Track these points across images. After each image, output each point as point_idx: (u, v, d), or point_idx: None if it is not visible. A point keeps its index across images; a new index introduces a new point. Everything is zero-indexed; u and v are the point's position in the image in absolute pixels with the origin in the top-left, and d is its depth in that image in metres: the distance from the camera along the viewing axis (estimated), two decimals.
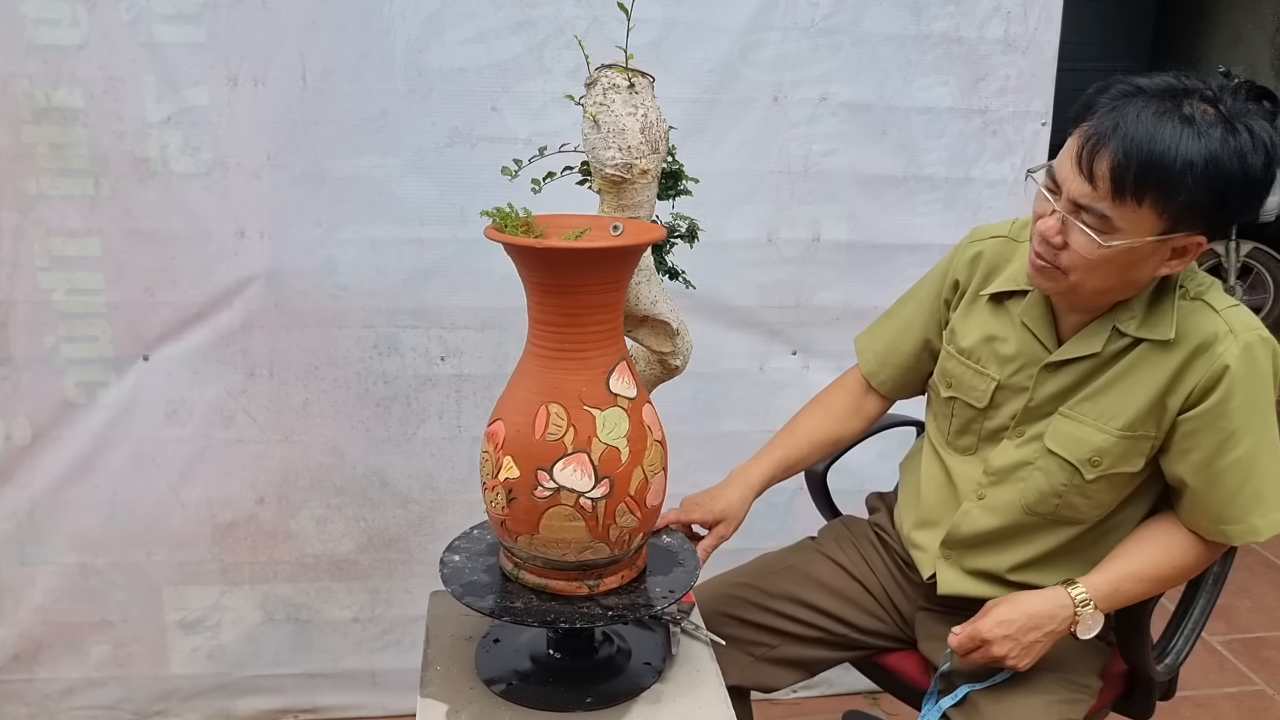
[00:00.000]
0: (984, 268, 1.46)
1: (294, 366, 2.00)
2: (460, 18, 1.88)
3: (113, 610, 2.10)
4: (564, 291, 1.19)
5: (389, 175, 1.93)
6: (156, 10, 1.81)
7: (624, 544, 1.26)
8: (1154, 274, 1.26)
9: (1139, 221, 1.19)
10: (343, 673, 2.20)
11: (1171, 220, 1.18)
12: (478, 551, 1.36)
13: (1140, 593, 1.36)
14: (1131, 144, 1.15)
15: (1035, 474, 1.39)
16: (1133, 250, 1.21)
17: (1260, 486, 1.30)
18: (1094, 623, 1.34)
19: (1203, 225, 1.20)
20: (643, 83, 1.21)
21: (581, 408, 1.21)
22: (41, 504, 2.02)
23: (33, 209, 1.88)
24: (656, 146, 1.21)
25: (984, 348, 1.44)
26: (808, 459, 1.62)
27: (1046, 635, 1.34)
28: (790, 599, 1.58)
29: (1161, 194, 1.16)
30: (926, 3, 1.98)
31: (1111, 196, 1.18)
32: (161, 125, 1.86)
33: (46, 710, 2.13)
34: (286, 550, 2.11)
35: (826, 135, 2.03)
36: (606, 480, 1.20)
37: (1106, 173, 1.17)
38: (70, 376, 1.97)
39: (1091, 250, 1.21)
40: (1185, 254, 1.24)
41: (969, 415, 1.47)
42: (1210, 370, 1.27)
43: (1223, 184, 1.16)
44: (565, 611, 1.25)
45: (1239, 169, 1.15)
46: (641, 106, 1.20)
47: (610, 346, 1.24)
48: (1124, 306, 1.32)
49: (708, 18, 1.94)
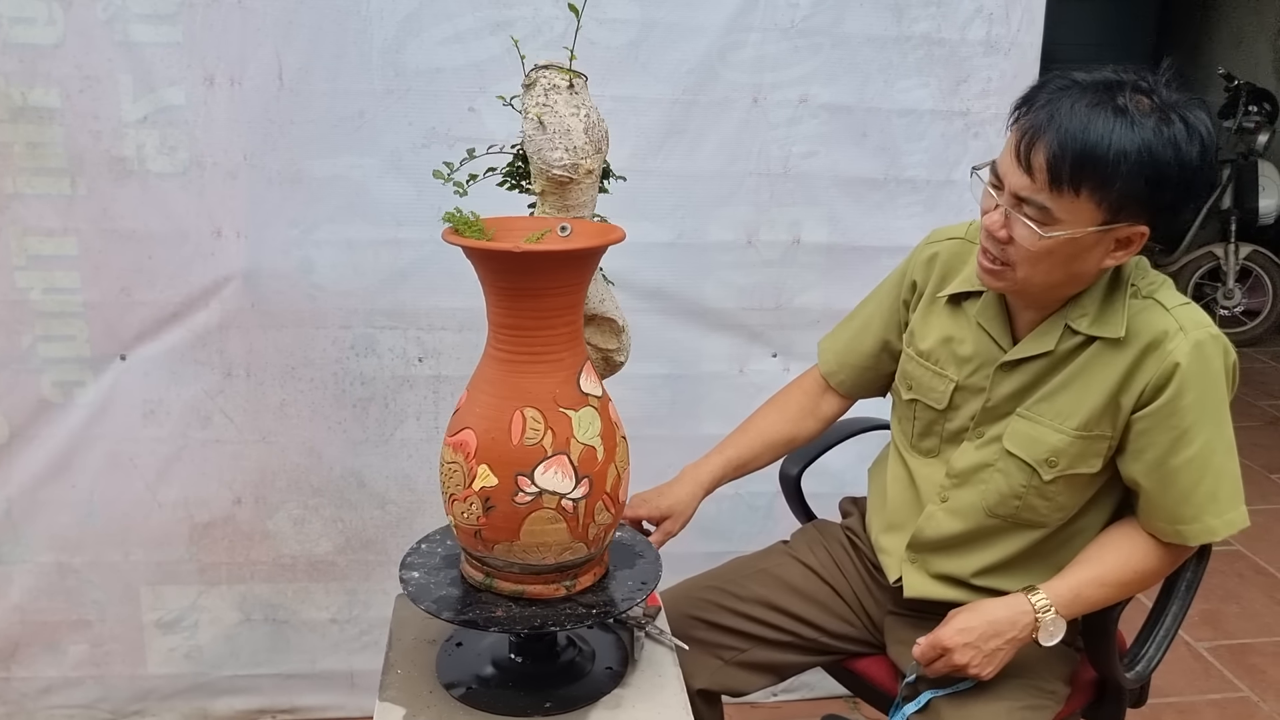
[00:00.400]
0: (940, 269, 1.47)
1: (271, 367, 2.00)
2: (438, 17, 1.88)
3: (90, 610, 2.10)
4: (534, 294, 1.19)
5: (366, 175, 1.92)
6: (133, 9, 1.81)
7: (599, 542, 1.27)
8: (1100, 266, 1.26)
9: (1078, 212, 1.20)
10: (320, 673, 2.19)
11: (1111, 210, 1.20)
12: (434, 566, 1.35)
13: (1103, 598, 1.35)
14: (1066, 135, 1.17)
15: (995, 475, 1.39)
16: (1075, 241, 1.22)
17: (1215, 485, 1.30)
18: (1056, 629, 1.33)
19: (1144, 215, 1.21)
20: (580, 82, 1.22)
21: (557, 410, 1.21)
22: (19, 503, 2.02)
23: (9, 208, 1.88)
24: (599, 146, 1.22)
25: (942, 349, 1.45)
26: (759, 459, 1.62)
27: (1008, 643, 1.33)
28: (760, 602, 1.57)
29: (1097, 184, 1.18)
30: (908, 4, 1.97)
31: (1049, 188, 1.19)
32: (138, 125, 1.86)
33: (24, 709, 2.13)
34: (264, 551, 2.10)
35: (807, 137, 2.02)
36: (586, 480, 1.21)
37: (1043, 164, 1.19)
38: (47, 376, 1.97)
39: (1034, 242, 1.22)
40: (1130, 245, 1.25)
41: (930, 417, 1.47)
42: (1161, 368, 1.27)
43: (1157, 173, 1.17)
44: (551, 614, 1.25)
45: (1173, 158, 1.17)
46: (583, 107, 1.21)
47: (577, 347, 1.25)
48: (1076, 304, 1.32)
49: (687, 18, 1.94)
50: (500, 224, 1.24)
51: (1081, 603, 1.34)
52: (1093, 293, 1.31)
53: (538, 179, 1.23)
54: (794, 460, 1.79)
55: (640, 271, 2.02)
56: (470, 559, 1.29)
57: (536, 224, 1.24)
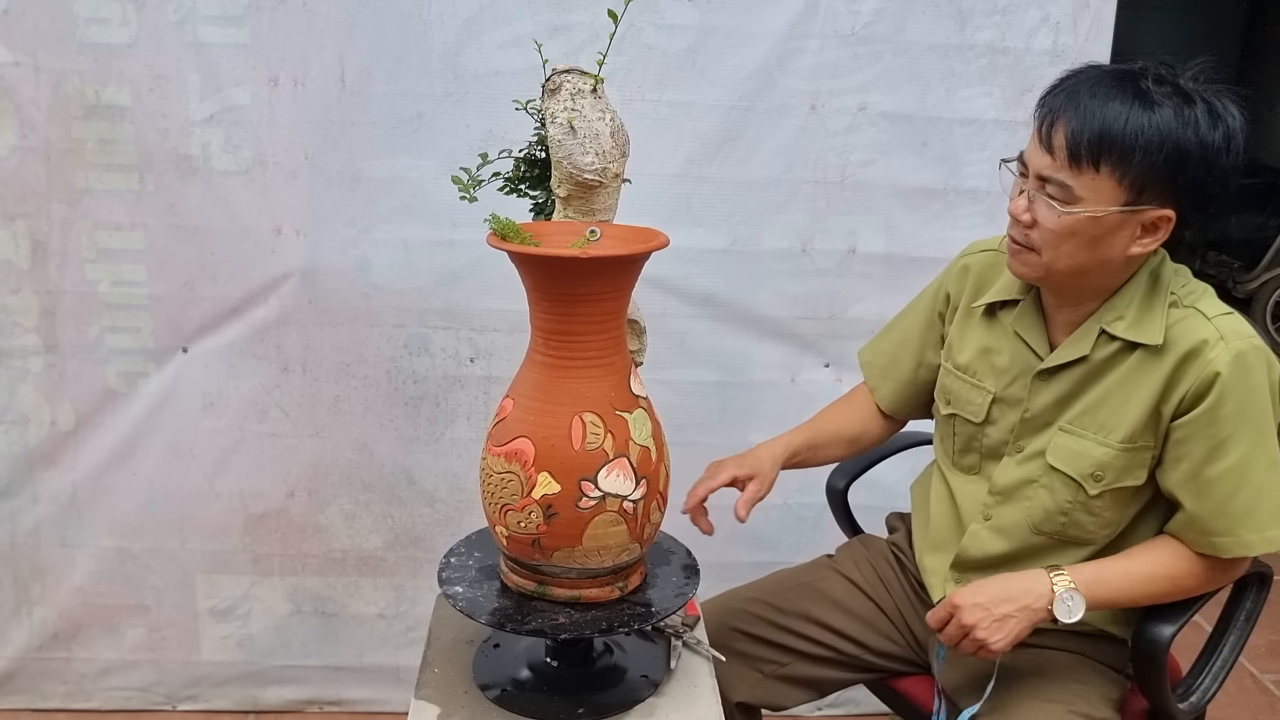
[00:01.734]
0: (974, 281, 1.46)
1: (326, 363, 2.03)
2: (497, 21, 1.89)
3: (148, 595, 2.15)
4: (586, 299, 1.19)
5: (423, 177, 1.95)
6: (202, 11, 1.86)
7: (650, 541, 1.29)
8: (1127, 253, 1.25)
9: (1099, 190, 1.21)
10: (367, 667, 2.22)
11: (1133, 190, 1.20)
12: (472, 579, 1.33)
13: (1127, 590, 1.31)
14: (1085, 112, 1.20)
15: (1040, 491, 1.36)
16: (1097, 221, 1.22)
17: (1254, 499, 1.26)
18: (1074, 606, 1.27)
19: (1168, 198, 1.21)
20: (601, 87, 1.23)
21: (614, 413, 1.21)
22: (83, 488, 2.08)
23: (81, 202, 1.94)
24: (624, 149, 1.23)
25: (980, 361, 1.43)
26: (830, 447, 1.59)
27: (1020, 610, 1.27)
28: (803, 617, 1.55)
29: (1116, 161, 1.19)
30: (971, 12, 1.93)
31: (1069, 165, 1.21)
32: (204, 123, 1.90)
33: (83, 690, 2.20)
34: (315, 544, 2.14)
35: (865, 145, 1.99)
36: (644, 481, 1.22)
37: (1063, 142, 1.21)
38: (113, 366, 2.03)
39: (1055, 221, 1.23)
40: (1157, 231, 1.24)
41: (969, 432, 1.44)
42: (1201, 376, 1.25)
43: (1177, 152, 1.18)
44: (614, 616, 1.26)
45: (1194, 139, 1.18)
46: (608, 111, 1.22)
47: (624, 350, 1.26)
48: (1111, 308, 1.30)
49: (746, 24, 1.92)
50: (532, 230, 1.24)
51: (1104, 587, 1.29)
52: (1128, 295, 1.30)
53: (564, 183, 1.23)
54: (841, 473, 1.78)
55: (693, 278, 2.02)
56: (520, 568, 1.28)
57: (565, 228, 1.24)
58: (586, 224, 1.23)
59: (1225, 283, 5.31)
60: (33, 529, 2.10)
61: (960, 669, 1.45)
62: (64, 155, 1.91)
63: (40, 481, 2.07)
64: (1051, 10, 1.94)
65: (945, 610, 1.31)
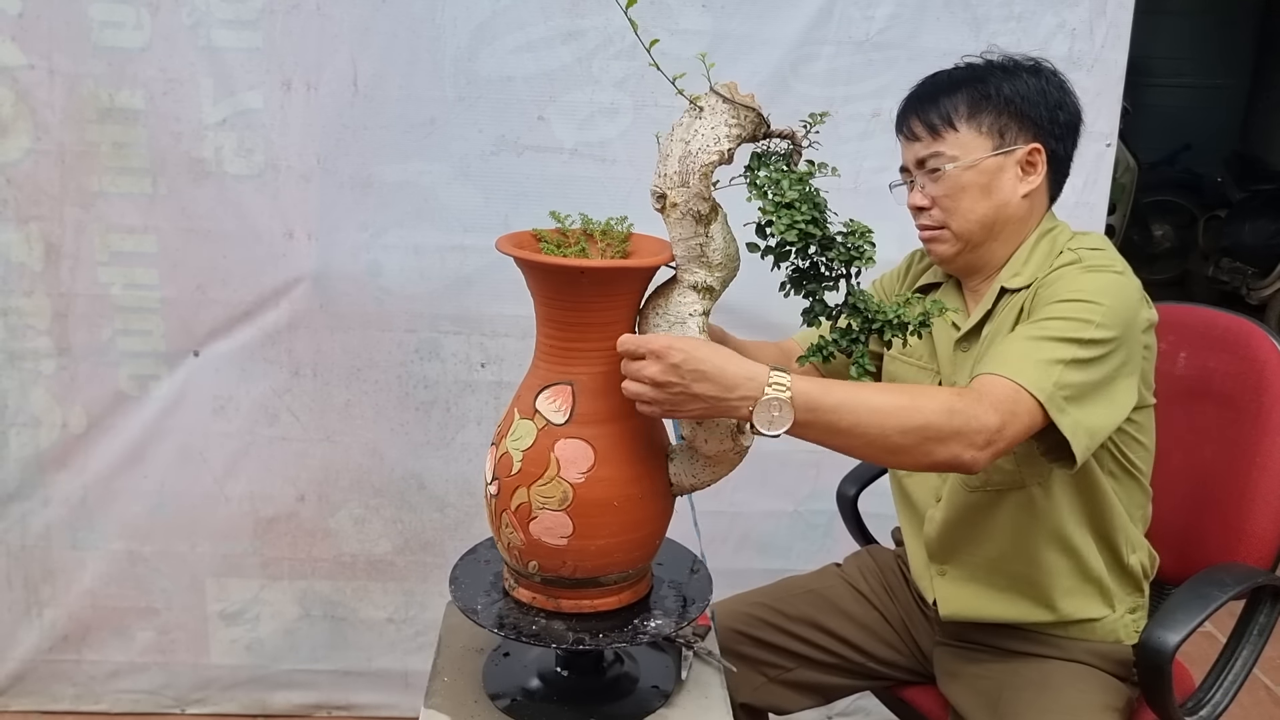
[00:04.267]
0: (909, 278, 1.57)
1: (337, 367, 2.03)
2: (510, 26, 1.89)
3: (157, 598, 2.15)
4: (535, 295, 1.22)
5: (435, 182, 1.94)
6: (216, 15, 1.86)
7: (518, 560, 1.23)
8: (1018, 192, 1.35)
9: (967, 144, 1.35)
10: (376, 672, 2.22)
11: (995, 134, 1.35)
12: (483, 587, 1.32)
13: (851, 399, 1.11)
14: (922, 99, 1.40)
15: None
16: (979, 169, 1.34)
17: (1008, 349, 1.23)
18: (777, 415, 1.09)
19: (1028, 134, 1.35)
20: (720, 108, 1.13)
21: (513, 409, 1.23)
22: (94, 491, 2.09)
23: (94, 205, 1.94)
24: (686, 179, 1.12)
25: (922, 345, 1.47)
26: None
27: (713, 402, 1.10)
28: (809, 623, 1.56)
29: (965, 115, 1.35)
30: (986, 19, 1.92)
31: (932, 137, 1.36)
32: (217, 127, 1.90)
33: (92, 691, 2.20)
34: (325, 548, 2.14)
35: (878, 152, 1.98)
36: (497, 482, 1.21)
37: (920, 124, 1.38)
38: (125, 369, 2.03)
39: (945, 184, 1.35)
40: (1034, 168, 1.36)
41: None
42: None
43: (1008, 91, 1.35)
44: (623, 626, 1.25)
45: (1000, 69, 1.37)
46: (698, 136, 1.12)
47: (550, 365, 1.22)
48: (1009, 269, 1.37)
49: (759, 30, 1.92)
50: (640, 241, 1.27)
51: (827, 396, 1.10)
52: (1023, 254, 1.37)
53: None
54: (852, 480, 1.77)
55: None
56: (520, 577, 1.27)
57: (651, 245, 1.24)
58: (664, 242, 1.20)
59: (1239, 289, 5.28)
60: (43, 531, 2.10)
61: (964, 681, 1.44)
62: (78, 158, 1.91)
63: (51, 484, 2.08)
64: (1068, 16, 1.93)
65: (635, 345, 1.13)
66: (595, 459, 1.18)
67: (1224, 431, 1.55)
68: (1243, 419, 1.52)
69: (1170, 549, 1.49)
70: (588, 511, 1.18)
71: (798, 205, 1.16)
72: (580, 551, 1.20)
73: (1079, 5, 1.94)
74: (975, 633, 1.45)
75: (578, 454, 1.18)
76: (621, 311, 1.21)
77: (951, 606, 1.44)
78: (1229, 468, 1.53)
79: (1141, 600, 1.45)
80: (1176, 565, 1.50)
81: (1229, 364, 1.56)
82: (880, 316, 1.18)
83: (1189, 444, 1.57)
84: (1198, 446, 1.58)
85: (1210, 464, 1.56)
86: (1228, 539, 1.50)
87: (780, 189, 1.16)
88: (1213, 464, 1.56)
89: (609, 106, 1.94)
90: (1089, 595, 1.39)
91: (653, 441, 1.25)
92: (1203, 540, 1.54)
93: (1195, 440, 1.58)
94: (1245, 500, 1.49)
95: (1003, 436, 1.15)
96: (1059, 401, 1.18)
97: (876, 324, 1.18)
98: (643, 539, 1.25)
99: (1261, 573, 1.45)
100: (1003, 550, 1.39)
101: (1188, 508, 1.56)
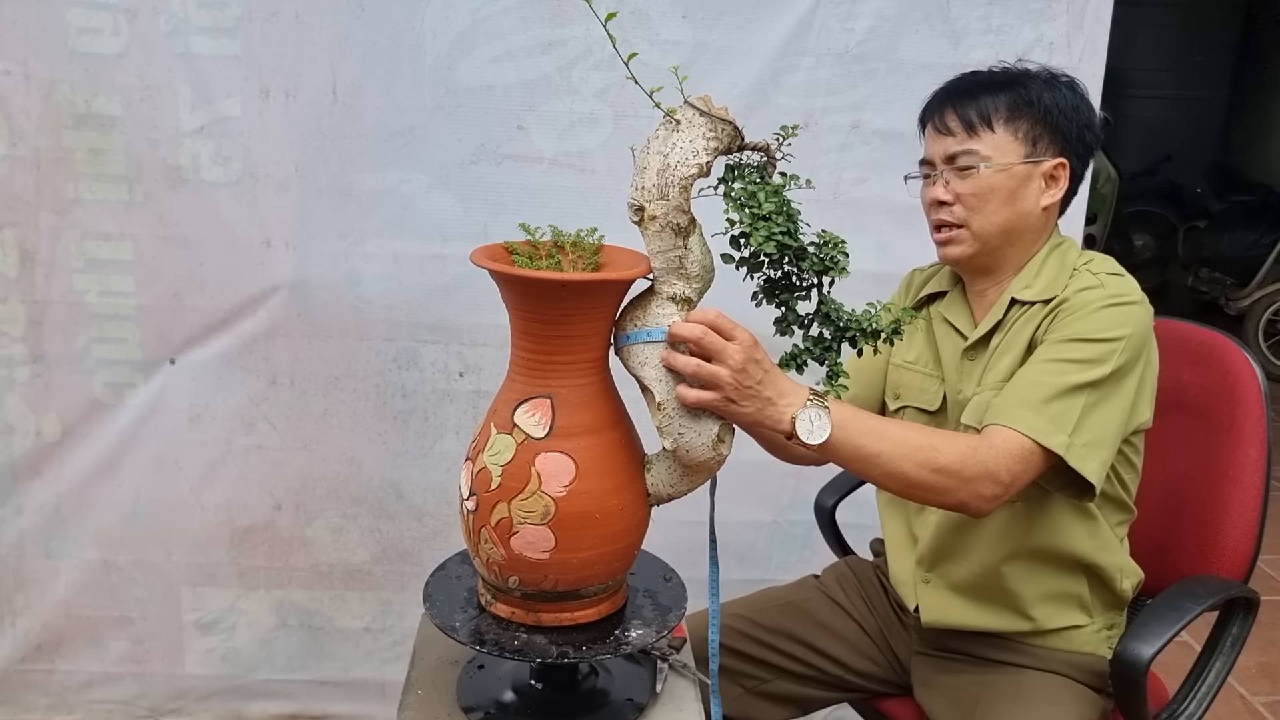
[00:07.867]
0: (914, 291, 1.56)
1: (315, 376, 2.02)
2: (490, 36, 1.89)
3: (132, 607, 2.13)
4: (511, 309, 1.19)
5: (414, 190, 1.94)
6: (194, 22, 1.85)
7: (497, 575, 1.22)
8: (1039, 204, 1.37)
9: (1001, 147, 1.35)
10: (353, 681, 2.21)
11: (1028, 143, 1.35)
12: (458, 599, 1.31)
13: (876, 433, 1.18)
14: (962, 94, 1.38)
15: None
16: (1009, 174, 1.35)
17: (1020, 388, 1.27)
18: (817, 426, 1.13)
19: (1057, 148, 1.37)
20: (697, 121, 1.12)
21: (489, 423, 1.21)
22: (68, 499, 2.07)
23: (70, 212, 1.93)
24: (665, 192, 1.12)
25: (927, 352, 1.48)
26: None
27: (765, 404, 1.13)
28: (785, 635, 1.56)
29: (1005, 119, 1.35)
30: (965, 32, 1.93)
31: (968, 134, 1.36)
32: (194, 134, 1.89)
33: (65, 702, 2.18)
34: (302, 557, 2.13)
35: (858, 163, 1.99)
36: (475, 497, 1.19)
37: (956, 119, 1.37)
38: (100, 376, 2.01)
39: (973, 183, 1.35)
40: (1057, 181, 1.37)
41: (921, 422, 1.46)
42: (1061, 306, 1.32)
43: (1048, 102, 1.36)
44: (597, 640, 1.24)
45: (1045, 91, 1.36)
46: (677, 149, 1.12)
47: (527, 379, 1.20)
48: (1020, 279, 1.38)
49: (739, 41, 1.92)
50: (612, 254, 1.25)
51: (858, 421, 1.17)
52: (1034, 266, 1.38)
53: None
54: (830, 491, 1.77)
55: None
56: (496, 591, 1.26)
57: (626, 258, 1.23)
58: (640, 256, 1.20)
59: (1218, 299, 5.32)
60: (17, 540, 2.08)
61: (941, 691, 1.45)
62: (53, 164, 1.90)
63: (25, 492, 2.06)
64: (1045, 30, 1.94)
65: (735, 329, 1.13)
66: (577, 472, 1.17)
67: (1198, 444, 1.56)
68: (1216, 432, 1.53)
69: (1145, 561, 1.50)
70: (570, 525, 1.18)
71: (774, 217, 1.15)
72: (562, 565, 1.19)
73: (1057, 19, 1.95)
74: (953, 641, 1.46)
75: (559, 467, 1.17)
76: (600, 324, 1.20)
77: (934, 614, 1.45)
78: (1203, 480, 1.54)
79: (1119, 617, 1.46)
80: (1151, 577, 1.51)
81: (1203, 377, 1.57)
82: (853, 325, 1.18)
83: (1164, 456, 1.58)
84: (1172, 459, 1.59)
85: (1184, 477, 1.57)
86: (1202, 551, 1.51)
87: (757, 201, 1.15)
88: (1187, 477, 1.57)
89: (589, 116, 1.94)
90: (1068, 605, 1.41)
91: (632, 452, 1.24)
92: (1177, 552, 1.55)
93: (1170, 453, 1.59)
94: (1219, 513, 1.50)
95: (1011, 490, 1.23)
96: (1079, 450, 1.24)
97: (849, 332, 1.19)
98: (623, 550, 1.24)
99: (1235, 585, 1.46)
100: (987, 562, 1.40)
101: (1162, 520, 1.57)
